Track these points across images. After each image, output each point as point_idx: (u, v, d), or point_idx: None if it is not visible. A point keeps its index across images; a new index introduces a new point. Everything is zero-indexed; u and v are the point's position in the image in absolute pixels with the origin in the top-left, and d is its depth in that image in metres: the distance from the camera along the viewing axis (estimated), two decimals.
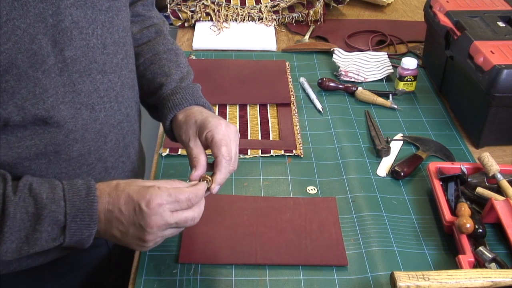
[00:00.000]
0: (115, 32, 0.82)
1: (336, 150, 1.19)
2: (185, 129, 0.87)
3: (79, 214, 0.74)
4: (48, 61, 0.73)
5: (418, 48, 1.60)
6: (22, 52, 0.69)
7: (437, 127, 1.28)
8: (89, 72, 0.78)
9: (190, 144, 0.85)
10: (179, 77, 0.96)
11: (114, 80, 0.83)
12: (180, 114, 0.90)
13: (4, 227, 0.70)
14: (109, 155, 0.86)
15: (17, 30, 0.68)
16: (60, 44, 0.73)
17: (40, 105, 0.73)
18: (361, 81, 1.44)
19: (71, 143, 0.79)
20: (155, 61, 0.97)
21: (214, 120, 0.85)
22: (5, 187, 0.71)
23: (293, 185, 1.09)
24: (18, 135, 0.74)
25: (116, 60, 0.83)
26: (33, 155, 0.76)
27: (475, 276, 0.82)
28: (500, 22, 1.29)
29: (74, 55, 0.76)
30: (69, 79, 0.76)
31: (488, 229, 0.95)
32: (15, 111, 0.71)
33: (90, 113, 0.80)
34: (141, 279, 0.89)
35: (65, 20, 0.73)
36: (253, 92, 1.38)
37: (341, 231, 0.98)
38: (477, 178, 1.04)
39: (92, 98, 0.80)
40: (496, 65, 1.11)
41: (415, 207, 1.05)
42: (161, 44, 1.00)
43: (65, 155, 0.79)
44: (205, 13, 1.72)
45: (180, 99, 0.91)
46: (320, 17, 1.74)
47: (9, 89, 0.70)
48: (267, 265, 0.92)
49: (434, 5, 1.41)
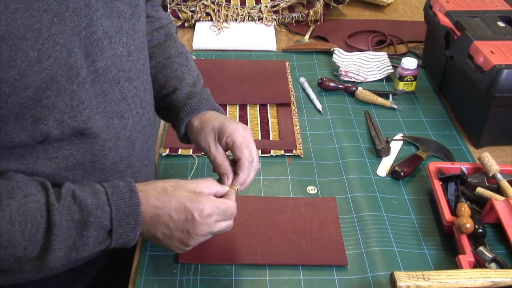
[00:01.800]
0: (136, 38, 0.83)
1: (336, 150, 1.19)
2: (203, 136, 0.90)
3: (124, 218, 0.75)
4: (82, 73, 0.73)
5: (418, 48, 1.60)
6: (62, 67, 0.70)
7: (437, 127, 1.28)
8: (117, 80, 0.79)
9: (212, 150, 0.89)
10: (191, 81, 0.98)
11: (138, 86, 0.84)
12: (195, 120, 0.92)
13: (51, 236, 0.70)
14: (137, 160, 0.87)
15: (57, 46, 0.68)
16: (92, 55, 0.74)
17: (77, 118, 0.74)
18: (361, 81, 1.44)
19: (106, 152, 0.80)
20: (167, 65, 0.98)
21: (231, 125, 0.89)
22: (48, 195, 0.71)
23: (293, 185, 1.09)
24: (56, 145, 0.75)
25: (139, 66, 0.84)
26: (71, 166, 0.77)
27: (475, 276, 0.82)
28: (500, 22, 1.29)
29: (105, 65, 0.76)
30: (100, 89, 0.77)
31: (488, 229, 0.95)
32: (55, 125, 0.72)
33: (120, 121, 0.81)
34: (141, 279, 0.89)
35: (97, 31, 0.74)
36: (253, 92, 1.38)
37: (341, 231, 0.98)
38: (477, 178, 1.04)
39: (121, 106, 0.81)
40: (496, 65, 1.11)
41: (415, 207, 1.05)
42: (172, 47, 1.01)
43: (100, 165, 0.80)
44: (205, 13, 1.72)
45: (197, 104, 0.93)
46: (320, 17, 1.74)
47: (49, 105, 0.70)
48: (267, 265, 0.92)
49: (434, 5, 1.41)
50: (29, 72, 0.66)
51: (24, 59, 0.65)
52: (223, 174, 0.88)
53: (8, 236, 0.67)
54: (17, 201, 0.68)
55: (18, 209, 0.68)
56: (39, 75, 0.67)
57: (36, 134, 0.71)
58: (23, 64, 0.65)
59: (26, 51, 0.65)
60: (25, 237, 0.69)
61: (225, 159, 0.89)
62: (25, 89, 0.67)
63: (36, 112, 0.69)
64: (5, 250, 0.68)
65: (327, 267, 0.92)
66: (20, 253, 0.70)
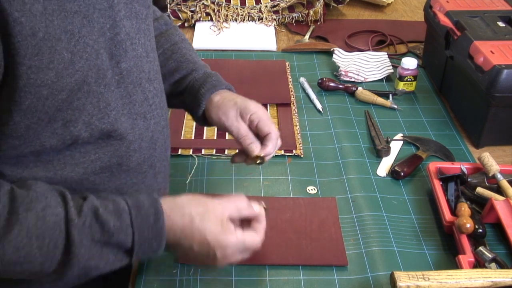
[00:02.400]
0: (151, 38, 0.83)
1: (336, 150, 1.19)
2: (225, 110, 0.91)
3: (147, 241, 0.73)
4: (108, 75, 0.73)
5: (418, 48, 1.60)
6: (92, 69, 0.70)
7: (437, 127, 1.28)
8: (139, 81, 0.79)
9: (235, 123, 0.90)
10: (202, 63, 1.00)
11: (157, 87, 0.84)
12: (215, 96, 0.93)
13: (70, 253, 0.68)
14: (157, 161, 0.87)
15: (87, 47, 0.69)
16: (116, 57, 0.74)
17: (105, 119, 0.74)
18: (361, 81, 1.44)
19: (131, 153, 0.80)
20: (176, 51, 0.99)
21: (253, 104, 0.92)
22: (67, 209, 0.68)
23: (293, 185, 1.09)
24: (82, 150, 0.74)
25: (156, 67, 0.85)
26: (98, 169, 0.77)
27: (475, 276, 0.82)
28: (500, 22, 1.29)
29: (128, 66, 0.77)
30: (125, 90, 0.77)
31: (488, 229, 0.95)
32: (84, 128, 0.72)
33: (143, 122, 0.81)
34: (141, 279, 0.89)
35: (121, 32, 0.74)
36: (253, 92, 1.38)
37: (341, 231, 0.98)
38: (477, 178, 1.04)
39: (144, 107, 0.81)
40: (496, 65, 1.11)
41: (415, 207, 1.05)
42: (176, 34, 1.02)
43: (125, 166, 0.80)
44: (205, 13, 1.72)
45: (217, 81, 0.95)
46: (320, 17, 1.74)
47: (80, 107, 0.70)
48: (267, 265, 0.92)
49: (434, 5, 1.41)
50: (64, 74, 0.66)
51: (60, 60, 0.65)
52: (249, 144, 0.89)
53: (24, 252, 0.65)
54: (35, 214, 0.66)
55: (36, 223, 0.66)
56: (73, 77, 0.68)
57: (66, 137, 0.71)
58: (59, 66, 0.65)
59: (62, 52, 0.65)
60: (42, 253, 0.66)
61: (248, 131, 0.90)
62: (60, 91, 0.67)
63: (67, 114, 0.69)
64: (20, 265, 0.66)
65: (327, 267, 0.92)
66: (36, 268, 0.67)
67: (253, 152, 0.89)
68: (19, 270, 0.67)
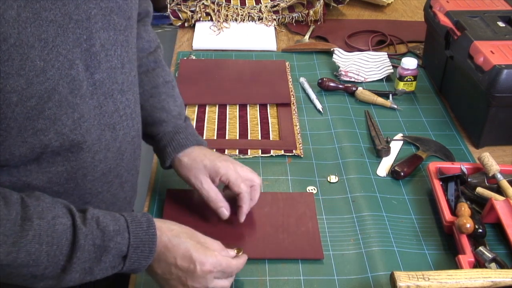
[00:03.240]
0: (129, 50, 0.84)
1: (336, 150, 1.19)
2: (195, 173, 0.96)
3: (140, 246, 0.77)
4: (83, 86, 0.74)
5: (418, 48, 1.60)
6: (63, 78, 0.70)
7: (437, 127, 1.28)
8: (111, 93, 0.80)
9: (205, 186, 0.96)
10: (177, 112, 1.02)
11: (130, 98, 0.85)
12: (184, 156, 0.98)
13: (73, 258, 0.72)
14: (125, 171, 0.88)
15: (60, 57, 0.69)
16: (91, 68, 0.75)
17: (77, 131, 0.75)
18: (361, 81, 1.44)
19: (96, 164, 0.81)
20: (154, 95, 1.01)
21: (222, 164, 0.96)
22: (74, 219, 0.73)
23: (293, 185, 1.09)
24: (50, 160, 0.75)
25: (131, 78, 0.85)
26: (63, 180, 0.78)
27: (475, 276, 0.82)
28: (500, 22, 1.29)
29: (101, 77, 0.77)
30: (97, 101, 0.78)
31: (488, 229, 0.95)
32: (55, 137, 0.73)
33: (111, 133, 0.82)
34: (141, 279, 0.89)
35: (96, 44, 0.75)
36: (253, 92, 1.38)
37: (318, 226, 0.99)
38: (477, 178, 1.04)
39: (114, 118, 0.81)
40: (496, 65, 1.11)
41: (415, 207, 1.05)
42: (160, 76, 1.03)
43: (91, 176, 0.81)
44: (205, 13, 1.72)
45: (184, 140, 0.99)
46: (320, 17, 1.74)
47: (51, 116, 0.71)
48: (267, 265, 0.92)
49: (434, 5, 1.41)
50: (35, 82, 0.67)
51: (32, 68, 0.66)
52: (220, 208, 0.96)
53: (35, 256, 0.69)
54: (47, 222, 0.70)
55: (47, 230, 0.69)
56: (43, 85, 0.68)
57: (35, 145, 0.71)
58: (30, 73, 0.66)
59: (34, 60, 0.66)
60: (49, 258, 0.70)
61: (218, 193, 0.96)
62: (30, 98, 0.67)
63: (38, 123, 0.70)
64: (27, 268, 0.69)
65: (327, 267, 0.92)
66: (39, 272, 0.70)
67: (224, 216, 0.96)
68: (24, 272, 0.70)
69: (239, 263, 0.85)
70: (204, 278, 0.80)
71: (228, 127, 1.26)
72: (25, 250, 0.68)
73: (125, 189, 0.90)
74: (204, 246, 0.82)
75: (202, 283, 0.81)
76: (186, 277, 0.80)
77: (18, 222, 0.68)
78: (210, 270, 0.80)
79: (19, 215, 0.68)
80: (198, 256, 0.79)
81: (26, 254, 0.68)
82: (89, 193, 0.82)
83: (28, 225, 0.68)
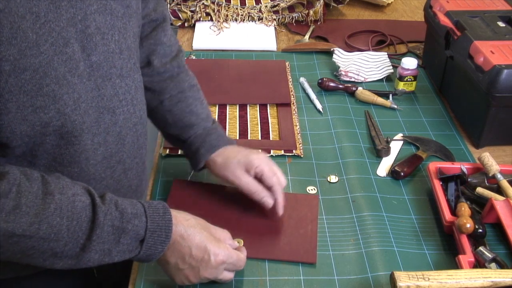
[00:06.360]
0: (128, 37, 0.85)
1: (336, 150, 1.19)
2: (231, 170, 0.98)
3: (157, 230, 0.79)
4: (80, 66, 0.75)
5: (418, 48, 1.60)
6: (58, 55, 0.71)
7: (437, 127, 1.28)
8: (109, 76, 0.81)
9: (244, 180, 0.97)
10: (205, 115, 1.04)
11: (129, 84, 0.86)
12: (218, 156, 1.00)
13: (92, 236, 0.73)
14: (127, 157, 0.89)
15: (53, 33, 0.70)
16: (87, 49, 0.76)
17: (77, 111, 0.76)
18: (361, 81, 1.44)
19: (96, 146, 0.82)
20: (182, 99, 1.02)
21: (255, 157, 0.98)
22: (93, 198, 0.75)
23: (293, 185, 1.09)
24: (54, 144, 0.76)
25: (130, 65, 0.86)
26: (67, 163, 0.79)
27: (475, 276, 0.82)
28: (500, 22, 1.29)
29: (98, 60, 0.79)
30: (95, 83, 0.79)
31: (488, 229, 0.95)
32: (57, 116, 0.73)
33: (111, 117, 0.83)
34: (141, 279, 0.89)
35: (91, 25, 0.76)
36: (253, 92, 1.38)
37: (317, 229, 0.98)
38: (477, 178, 1.04)
39: (113, 101, 0.83)
40: (496, 65, 1.11)
41: (415, 207, 1.05)
42: (185, 81, 1.04)
43: (93, 160, 0.82)
44: (205, 13, 1.72)
45: (216, 141, 1.01)
46: (320, 17, 1.74)
47: (50, 93, 0.71)
48: (267, 265, 0.92)
49: (434, 5, 1.41)
50: (28, 54, 0.68)
51: (24, 39, 0.67)
52: (263, 197, 0.97)
53: (56, 229, 0.70)
54: (67, 198, 0.72)
55: (67, 205, 0.72)
56: (37, 58, 0.69)
57: (35, 123, 0.72)
58: (22, 44, 0.67)
59: (26, 31, 0.67)
60: (69, 233, 0.72)
61: (258, 185, 0.97)
62: (23, 70, 0.68)
63: (37, 100, 0.70)
64: (48, 242, 0.71)
65: (327, 267, 0.92)
66: (59, 249, 0.72)
67: (268, 205, 0.97)
68: (45, 247, 0.71)
69: (245, 257, 0.87)
70: (216, 269, 0.83)
71: (228, 127, 1.26)
72: (46, 222, 0.69)
73: (129, 176, 0.91)
74: (217, 238, 0.84)
75: (213, 273, 0.83)
76: (199, 267, 0.82)
77: (40, 196, 0.70)
78: (223, 261, 0.83)
79: (40, 189, 0.70)
80: (212, 247, 0.82)
81: (47, 226, 0.70)
82: (93, 178, 0.84)
83: (50, 199, 0.70)
